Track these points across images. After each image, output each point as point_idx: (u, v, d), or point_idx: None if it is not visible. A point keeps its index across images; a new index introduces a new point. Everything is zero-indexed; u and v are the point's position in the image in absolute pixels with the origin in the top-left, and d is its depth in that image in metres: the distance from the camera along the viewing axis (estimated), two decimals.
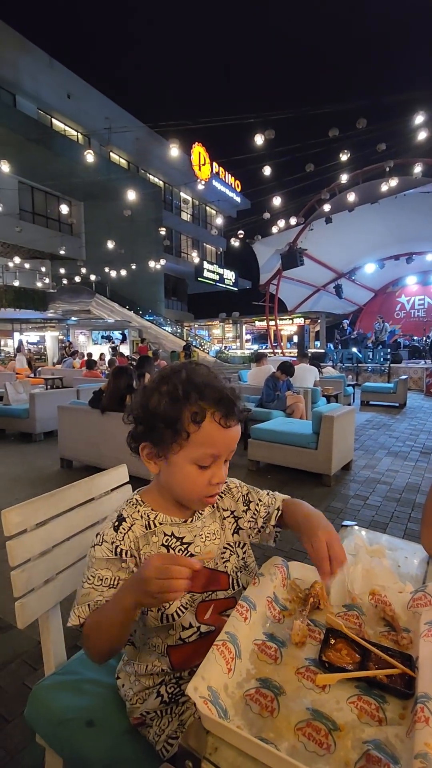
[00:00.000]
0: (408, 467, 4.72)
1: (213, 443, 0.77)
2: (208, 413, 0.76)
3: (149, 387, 0.82)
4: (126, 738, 0.80)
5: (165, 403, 0.77)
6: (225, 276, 26.89)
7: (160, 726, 0.79)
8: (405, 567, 0.94)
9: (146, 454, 0.81)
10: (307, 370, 6.74)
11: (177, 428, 0.76)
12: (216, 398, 0.77)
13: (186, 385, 0.78)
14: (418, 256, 15.36)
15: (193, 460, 0.77)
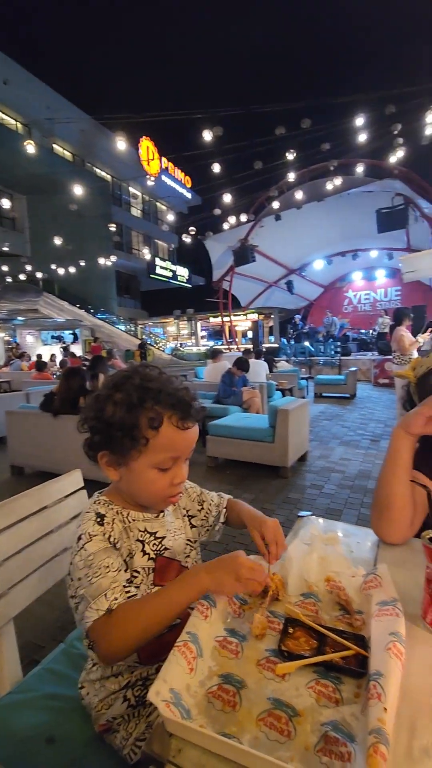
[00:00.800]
0: (359, 455, 4.94)
1: (172, 446, 0.79)
2: (165, 417, 0.77)
3: (102, 395, 0.81)
4: (89, 750, 0.78)
5: (120, 411, 0.77)
6: (178, 273, 26.71)
7: (128, 730, 0.78)
8: (357, 551, 0.99)
9: (105, 462, 0.81)
10: (258, 365, 6.87)
11: (135, 435, 0.76)
12: (172, 401, 0.78)
13: (140, 392, 0.78)
14: (362, 253, 16.08)
15: (153, 465, 0.78)
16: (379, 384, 11.02)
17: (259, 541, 0.88)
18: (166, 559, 0.87)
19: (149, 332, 27.95)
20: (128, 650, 0.69)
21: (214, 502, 1.03)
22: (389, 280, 17.88)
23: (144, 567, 0.83)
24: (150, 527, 0.86)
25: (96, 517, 0.79)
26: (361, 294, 19.00)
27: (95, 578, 0.71)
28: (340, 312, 18.71)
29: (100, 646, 0.68)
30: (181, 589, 0.71)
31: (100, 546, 0.75)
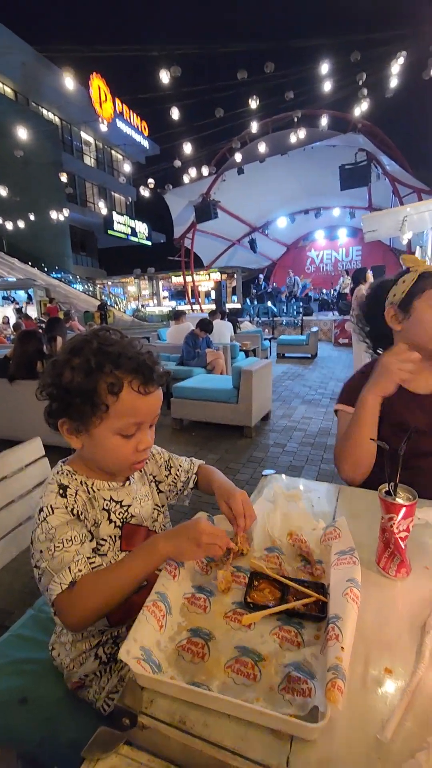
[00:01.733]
0: (320, 413, 5.13)
1: (134, 412, 0.77)
2: (126, 382, 0.75)
3: (59, 361, 0.77)
4: (63, 706, 0.80)
5: (78, 377, 0.74)
6: (137, 229, 25.48)
7: (100, 684, 0.81)
8: (318, 506, 1.04)
9: (66, 429, 0.78)
10: (223, 326, 6.83)
11: (95, 402, 0.73)
12: (132, 366, 0.75)
13: (99, 356, 0.75)
14: (325, 211, 15.96)
15: (116, 431, 0.76)
16: (339, 344, 11.32)
17: (227, 511, 0.87)
18: (133, 526, 0.87)
19: (109, 292, 26.80)
20: (92, 620, 0.70)
21: (183, 468, 1.03)
22: (351, 239, 17.98)
23: (111, 535, 0.83)
24: (116, 496, 0.85)
25: (58, 488, 0.77)
26: (323, 253, 19.05)
27: (58, 552, 0.71)
28: (302, 272, 18.75)
29: (65, 617, 0.69)
30: (140, 560, 0.72)
31: (62, 519, 0.74)
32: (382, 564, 0.78)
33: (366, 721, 0.51)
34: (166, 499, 1.01)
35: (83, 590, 0.69)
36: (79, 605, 0.68)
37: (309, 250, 19.44)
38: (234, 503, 0.86)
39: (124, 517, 0.86)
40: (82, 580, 0.70)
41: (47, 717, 0.78)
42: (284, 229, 17.41)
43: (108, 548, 0.82)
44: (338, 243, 18.48)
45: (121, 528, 0.85)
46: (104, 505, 0.83)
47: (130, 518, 0.87)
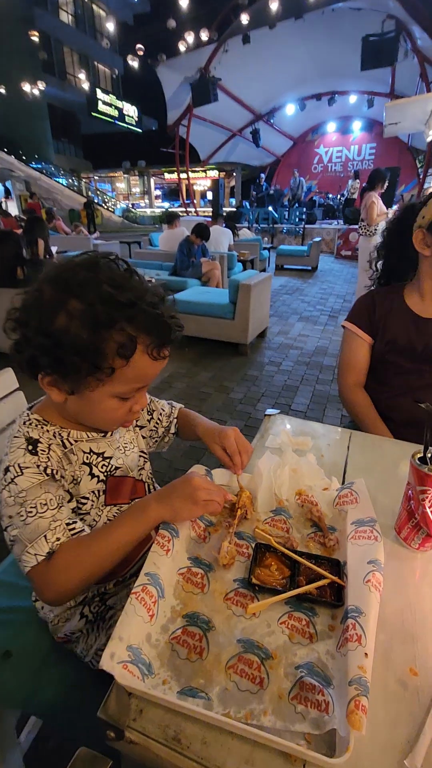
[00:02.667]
0: (317, 331, 4.96)
1: (143, 377, 0.64)
2: (140, 344, 0.58)
3: (47, 297, 0.57)
4: (50, 659, 0.76)
5: (79, 329, 0.55)
6: (125, 111, 22.30)
7: (87, 642, 0.76)
8: (328, 455, 0.93)
9: (48, 382, 0.61)
10: (221, 233, 6.27)
11: (97, 363, 0.57)
12: (149, 322, 0.59)
13: (109, 307, 0.56)
14: (340, 97, 13.91)
15: (115, 395, 0.62)
16: (341, 256, 10.69)
17: (222, 454, 0.79)
18: (118, 478, 0.76)
19: (96, 188, 24.33)
20: (74, 593, 0.61)
21: (165, 412, 0.91)
22: (365, 134, 16.03)
23: (94, 490, 0.72)
24: (96, 447, 0.73)
25: (27, 444, 0.63)
26: (333, 151, 17.11)
27: (30, 518, 0.59)
28: (308, 172, 17.01)
29: (43, 592, 0.59)
30: (129, 526, 0.63)
31: (34, 480, 0.61)
32: (404, 534, 0.69)
33: (391, 740, 0.44)
34: (147, 446, 0.90)
35: (63, 561, 0.58)
36: (59, 578, 0.59)
37: (318, 146, 17.41)
38: (227, 441, 0.78)
39: (108, 470, 0.75)
40: (62, 550, 0.59)
41: (33, 671, 0.74)
42: (292, 119, 15.33)
43: (91, 506, 0.72)
44: (351, 138, 16.48)
45: (105, 482, 0.74)
46: (84, 458, 0.71)
47: (115, 470, 0.76)
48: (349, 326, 1.30)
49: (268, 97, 14.05)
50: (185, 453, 2.42)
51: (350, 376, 1.30)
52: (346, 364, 1.31)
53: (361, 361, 1.28)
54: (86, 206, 13.91)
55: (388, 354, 1.21)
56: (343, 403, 1.33)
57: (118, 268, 0.61)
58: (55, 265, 0.61)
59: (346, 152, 16.77)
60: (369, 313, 1.26)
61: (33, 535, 0.58)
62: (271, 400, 3.27)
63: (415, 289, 1.20)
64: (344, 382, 1.31)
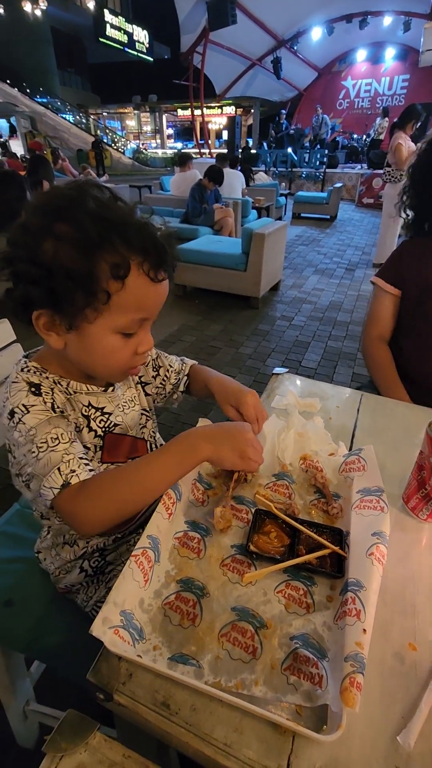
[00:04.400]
0: (333, 285, 4.77)
1: (142, 304, 0.58)
2: (134, 264, 0.54)
3: (33, 226, 0.53)
4: (53, 607, 0.78)
5: (68, 251, 0.51)
6: (135, 37, 20.27)
7: (87, 594, 0.77)
8: (336, 418, 0.89)
9: (43, 324, 0.57)
10: (233, 177, 5.87)
11: (91, 289, 0.52)
12: (143, 241, 0.54)
13: (99, 223, 0.51)
14: (373, 19, 12.46)
15: (116, 329, 0.58)
16: (363, 204, 10.06)
17: (237, 417, 0.75)
18: (116, 435, 0.73)
19: (104, 126, 22.82)
20: (109, 524, 0.58)
21: (173, 368, 0.86)
22: (398, 64, 14.53)
23: (91, 443, 0.70)
24: (95, 402, 0.69)
25: (29, 386, 0.60)
26: (361, 84, 15.63)
27: (42, 453, 0.56)
28: (333, 109, 15.66)
29: (73, 519, 0.56)
30: (178, 457, 0.60)
31: (42, 417, 0.58)
32: (412, 504, 0.66)
33: (385, 716, 0.43)
34: (153, 402, 0.86)
35: (95, 490, 0.56)
36: (90, 508, 0.56)
37: (344, 78, 15.89)
38: (246, 407, 0.73)
39: (106, 426, 0.72)
40: (95, 478, 0.57)
41: (35, 618, 0.76)
42: (318, 45, 13.88)
43: (91, 457, 0.69)
44: (382, 69, 14.96)
45: (102, 438, 0.71)
46: (83, 410, 0.68)
47: (113, 427, 0.73)
48: (376, 280, 1.25)
49: (292, 18, 12.65)
50: (193, 407, 2.41)
51: (374, 329, 1.25)
52: (371, 317, 1.27)
53: (386, 314, 1.23)
54: (94, 146, 13.13)
55: (424, 301, 1.14)
56: (364, 357, 1.29)
57: (103, 194, 0.56)
58: (38, 195, 0.57)
59: (376, 85, 15.34)
60: (395, 264, 1.19)
61: (45, 469, 0.56)
62: (282, 356, 3.20)
63: None
64: (367, 334, 1.27)
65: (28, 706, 0.98)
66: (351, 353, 3.23)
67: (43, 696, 1.03)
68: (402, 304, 1.19)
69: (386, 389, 1.14)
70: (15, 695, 0.94)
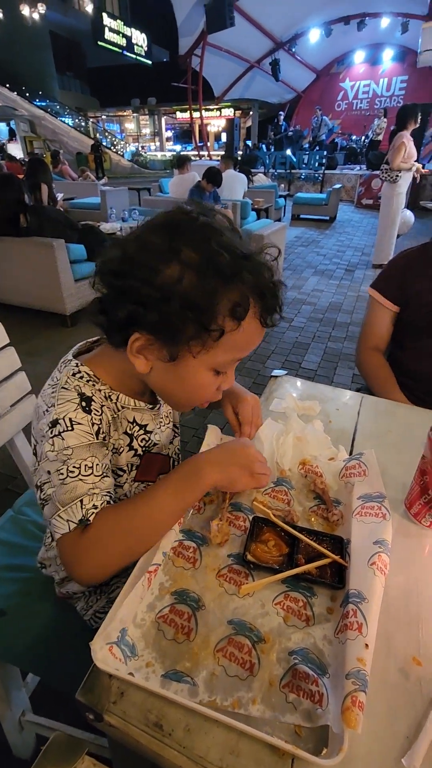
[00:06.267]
0: (332, 286, 4.76)
1: (246, 347, 0.57)
2: (252, 307, 0.52)
3: (154, 245, 0.50)
4: (47, 619, 0.76)
5: (193, 280, 0.48)
6: (134, 40, 20.29)
7: (88, 602, 0.75)
8: (336, 421, 0.87)
9: (138, 347, 0.54)
10: (235, 179, 5.88)
11: (207, 323, 0.49)
12: (262, 284, 0.52)
13: (232, 259, 0.49)
14: (371, 20, 12.48)
15: (214, 366, 0.56)
16: (362, 205, 10.05)
17: (232, 416, 0.74)
18: (153, 455, 0.71)
19: (104, 129, 22.85)
20: (111, 572, 0.53)
21: None
22: (397, 65, 14.58)
23: (129, 463, 0.67)
24: (140, 419, 0.66)
25: (80, 399, 0.56)
26: (359, 85, 15.68)
27: (71, 479, 0.52)
28: (331, 110, 15.71)
29: (74, 566, 0.52)
30: (182, 492, 0.57)
31: (84, 440, 0.55)
32: (415, 510, 0.64)
33: (389, 736, 0.41)
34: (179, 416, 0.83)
35: (100, 532, 0.51)
36: (95, 552, 0.51)
37: (343, 80, 15.93)
38: (243, 407, 0.73)
39: (147, 445, 0.69)
40: (99, 519, 0.52)
41: (29, 629, 0.74)
42: (316, 47, 13.91)
43: (125, 479, 0.67)
44: (380, 70, 15.00)
45: (141, 456, 0.68)
46: (127, 428, 0.65)
47: (152, 446, 0.70)
48: (374, 294, 1.22)
49: (290, 20, 12.69)
50: (189, 417, 2.39)
51: (370, 340, 1.24)
52: (366, 330, 1.25)
53: (383, 329, 1.21)
54: (93, 149, 13.15)
55: (425, 318, 1.11)
56: (358, 366, 1.27)
57: (223, 225, 0.54)
58: (162, 213, 0.54)
59: (374, 87, 15.39)
60: (399, 279, 1.15)
61: (68, 497, 0.52)
62: (281, 357, 3.18)
63: None
64: (362, 345, 1.25)
65: (23, 717, 0.96)
66: (351, 354, 3.21)
67: (39, 706, 1.01)
68: (404, 319, 1.17)
69: (384, 394, 1.12)
70: (10, 706, 0.92)
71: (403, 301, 1.14)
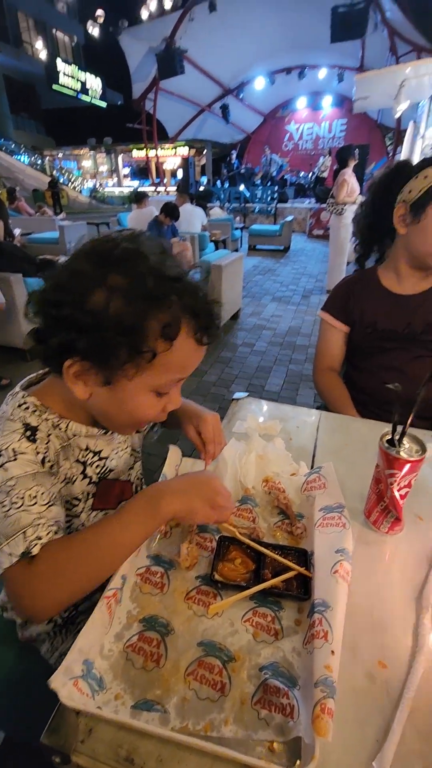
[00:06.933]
0: (290, 311, 4.94)
1: (184, 366, 0.57)
2: (184, 325, 0.53)
3: (83, 272, 0.51)
4: (5, 665, 0.71)
5: (121, 305, 0.49)
6: (88, 84, 21.12)
7: (53, 644, 0.71)
8: (297, 439, 0.90)
9: (74, 373, 0.53)
10: (192, 213, 6.10)
11: (138, 345, 0.50)
12: (194, 302, 0.53)
13: (158, 280, 0.50)
14: (310, 71, 13.66)
15: (153, 387, 0.56)
16: (313, 235, 10.63)
17: (195, 437, 0.75)
18: (109, 481, 0.70)
19: (60, 167, 23.17)
20: (61, 607, 0.51)
21: None
22: (336, 110, 15.87)
23: (84, 491, 0.66)
24: (93, 445, 0.65)
25: (24, 429, 0.55)
26: (303, 127, 16.88)
27: (14, 510, 0.50)
28: (279, 150, 16.75)
29: (21, 602, 0.50)
30: (141, 520, 0.54)
31: (28, 469, 0.53)
32: (373, 518, 0.67)
33: (360, 741, 0.41)
34: (140, 441, 0.83)
35: (50, 565, 0.49)
36: (44, 586, 0.49)
37: (288, 123, 17.13)
38: (204, 426, 0.73)
39: (102, 472, 0.68)
40: (49, 551, 0.49)
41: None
42: (262, 93, 14.97)
43: (81, 508, 0.66)
44: (321, 115, 16.28)
45: (96, 484, 0.67)
46: (80, 455, 0.64)
47: (108, 472, 0.69)
48: (324, 316, 1.28)
49: (236, 70, 13.64)
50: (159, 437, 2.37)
51: (324, 361, 1.29)
52: (320, 351, 1.31)
53: (336, 349, 1.27)
54: (51, 186, 13.26)
55: (369, 338, 1.18)
56: (315, 386, 1.32)
57: (154, 246, 0.55)
58: (90, 240, 0.55)
59: (317, 129, 16.60)
60: (344, 302, 1.22)
61: (11, 529, 0.49)
62: (245, 381, 3.24)
63: (390, 270, 1.16)
64: (317, 367, 1.31)
65: None
66: (311, 375, 3.32)
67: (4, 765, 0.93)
68: (353, 340, 1.23)
69: (340, 411, 1.17)
70: None
71: (351, 322, 1.21)
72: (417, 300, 1.12)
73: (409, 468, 0.60)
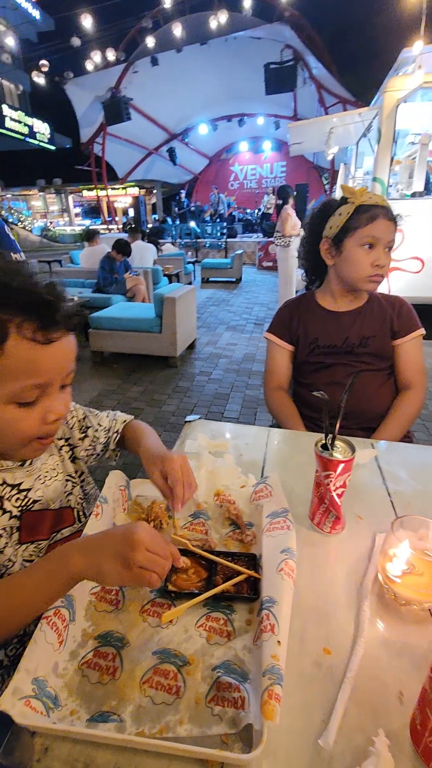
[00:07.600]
0: (245, 339, 5.10)
1: (33, 370, 0.53)
2: (12, 327, 0.51)
3: None
4: None
5: None
6: (36, 129, 21.46)
7: (2, 688, 0.68)
8: (247, 454, 0.95)
9: None
10: (144, 249, 6.27)
11: None
12: (22, 301, 0.51)
13: None
14: (249, 119, 14.75)
15: (8, 399, 0.53)
16: (263, 267, 11.15)
17: (160, 482, 0.68)
18: (36, 513, 0.69)
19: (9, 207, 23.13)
20: None
21: (103, 426, 0.84)
22: (276, 153, 17.07)
23: (6, 527, 0.65)
24: (10, 479, 0.65)
25: None
26: (247, 168, 17.98)
27: None
28: (226, 189, 17.67)
29: None
30: (45, 579, 0.51)
31: None
32: (317, 520, 0.71)
33: (308, 723, 0.44)
34: (85, 464, 0.83)
35: None
36: None
37: (232, 164, 18.20)
38: (171, 468, 0.67)
39: (24, 505, 0.67)
40: None
41: None
42: (206, 138, 15.92)
43: (5, 544, 0.65)
44: (263, 157, 17.47)
45: (20, 518, 0.67)
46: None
47: (32, 504, 0.68)
48: (270, 337, 1.36)
49: (180, 117, 14.47)
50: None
51: (273, 380, 1.36)
52: (269, 371, 1.38)
53: (282, 367, 1.35)
54: None
55: (312, 354, 1.27)
56: (266, 405, 1.38)
57: None
58: None
59: (260, 170, 17.72)
60: (287, 323, 1.31)
61: None
62: (204, 409, 3.28)
63: (327, 293, 1.27)
64: (267, 386, 1.38)
65: None
66: None
67: None
68: (297, 358, 1.32)
69: (289, 427, 1.24)
70: None
71: (295, 340, 1.30)
72: (352, 316, 1.23)
73: (342, 468, 0.66)
